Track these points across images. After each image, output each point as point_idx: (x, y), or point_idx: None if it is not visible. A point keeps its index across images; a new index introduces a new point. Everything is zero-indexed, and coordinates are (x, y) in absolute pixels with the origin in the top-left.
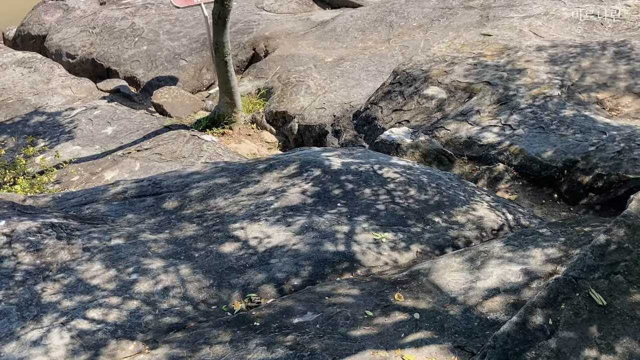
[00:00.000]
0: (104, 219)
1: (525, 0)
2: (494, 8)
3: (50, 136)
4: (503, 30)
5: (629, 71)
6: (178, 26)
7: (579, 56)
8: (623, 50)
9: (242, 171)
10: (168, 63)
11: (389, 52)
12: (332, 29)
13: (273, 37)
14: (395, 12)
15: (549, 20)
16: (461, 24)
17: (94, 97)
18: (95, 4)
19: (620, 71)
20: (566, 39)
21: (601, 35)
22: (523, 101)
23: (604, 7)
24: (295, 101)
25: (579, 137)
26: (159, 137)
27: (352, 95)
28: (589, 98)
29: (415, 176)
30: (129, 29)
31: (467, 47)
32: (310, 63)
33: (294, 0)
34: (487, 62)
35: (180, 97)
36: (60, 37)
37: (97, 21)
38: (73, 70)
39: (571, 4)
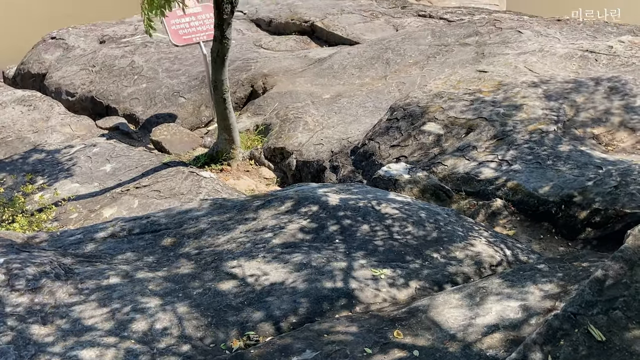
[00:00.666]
0: (102, 257)
1: (519, 37)
2: (489, 45)
3: (49, 174)
4: (498, 66)
5: (623, 106)
6: (177, 64)
7: (574, 92)
8: (617, 86)
9: (240, 208)
10: (167, 100)
11: (386, 89)
12: (330, 66)
13: (271, 74)
14: (391, 50)
15: (544, 57)
16: (457, 61)
17: (93, 134)
18: (95, 42)
19: (615, 106)
20: (561, 75)
21: (596, 71)
22: (520, 137)
23: (598, 43)
24: (293, 137)
25: (575, 172)
26: (157, 174)
27: (349, 131)
28: (584, 133)
29: (414, 212)
30: (129, 67)
31: (463, 83)
32: (308, 100)
33: (292, 38)
34: (484, 98)
35: (179, 134)
36: (60, 76)
37: (96, 59)
38: (72, 108)
39: (565, 41)
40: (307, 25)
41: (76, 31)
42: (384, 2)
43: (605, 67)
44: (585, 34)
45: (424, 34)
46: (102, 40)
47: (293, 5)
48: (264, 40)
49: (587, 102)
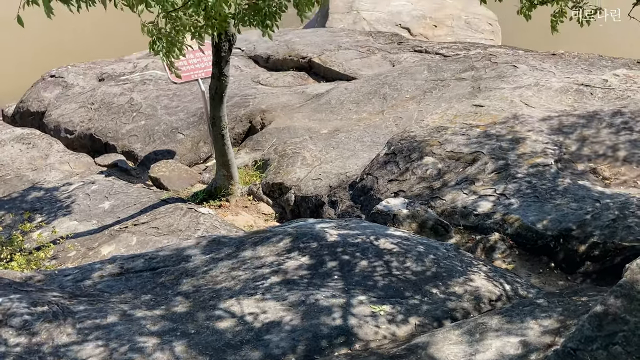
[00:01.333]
0: (100, 296)
1: (515, 71)
2: (484, 79)
3: (47, 212)
4: (495, 101)
5: (622, 141)
6: (176, 101)
7: (571, 126)
8: (614, 119)
9: (238, 245)
10: (165, 137)
11: (383, 123)
12: (327, 102)
13: (269, 110)
14: (388, 85)
15: (540, 91)
16: (453, 95)
17: (91, 172)
18: (94, 80)
19: (612, 140)
20: (557, 108)
21: (591, 105)
22: (518, 171)
23: (593, 77)
24: (292, 172)
25: (573, 206)
26: (155, 211)
27: (347, 166)
28: (582, 167)
29: (412, 247)
30: (127, 104)
31: (459, 117)
32: (306, 135)
33: (290, 74)
34: (480, 133)
35: (178, 170)
36: (59, 113)
37: (95, 97)
38: (71, 146)
39: (561, 75)
40: (304, 62)
41: (75, 69)
42: (380, 38)
43: (600, 101)
44: (580, 67)
45: (421, 69)
46: (101, 78)
47: (290, 42)
48: (261, 76)
49: (585, 136)
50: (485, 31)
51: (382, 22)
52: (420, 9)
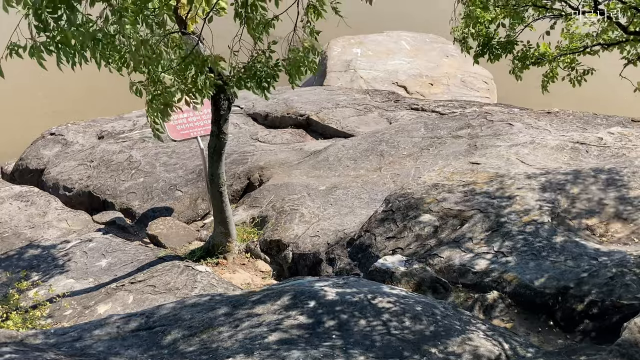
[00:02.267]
0: (96, 356)
1: (511, 129)
2: (481, 137)
3: (44, 269)
4: (491, 158)
5: (616, 197)
6: (174, 158)
7: (567, 183)
8: (609, 177)
9: (236, 303)
10: (164, 194)
11: (381, 180)
12: (325, 158)
13: (267, 167)
14: (385, 142)
15: (536, 149)
16: (450, 153)
17: (89, 229)
18: (94, 138)
19: (608, 197)
20: (553, 166)
21: (587, 163)
22: (514, 228)
23: (589, 135)
24: (290, 229)
25: (570, 264)
26: (153, 269)
27: (345, 222)
28: (578, 224)
29: (410, 306)
30: (126, 162)
31: (457, 175)
32: (304, 191)
33: (288, 132)
34: (478, 190)
35: (175, 227)
36: (58, 171)
37: (94, 155)
38: (70, 203)
39: (556, 133)
40: (302, 119)
41: (75, 127)
42: (377, 96)
43: (596, 159)
44: (575, 125)
45: (417, 127)
46: (101, 135)
47: (289, 99)
48: (260, 133)
49: (580, 193)
50: (481, 89)
51: (379, 80)
52: (417, 68)
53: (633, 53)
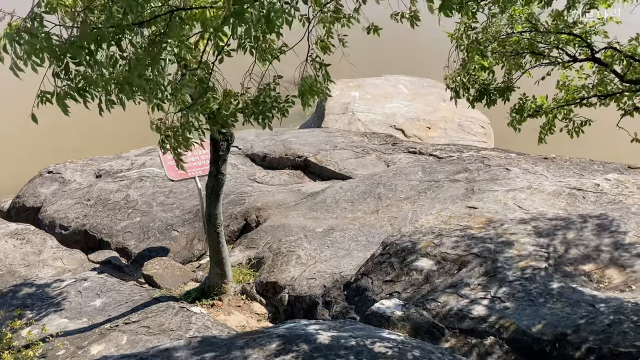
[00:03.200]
0: None
1: (508, 174)
2: (478, 181)
3: (38, 308)
4: (488, 203)
5: (612, 244)
6: (172, 198)
7: (563, 229)
8: (605, 223)
9: (229, 346)
10: (160, 234)
11: (378, 223)
12: (322, 200)
13: (265, 207)
14: (383, 185)
15: (532, 194)
16: (447, 197)
17: (84, 268)
18: (91, 177)
19: (604, 244)
20: (550, 212)
21: (584, 209)
22: (511, 274)
23: (585, 181)
24: (286, 271)
25: (568, 310)
26: (147, 310)
27: (342, 265)
28: (575, 270)
29: (407, 351)
30: (123, 201)
31: (454, 219)
32: (300, 233)
33: (285, 173)
34: (475, 235)
35: (171, 268)
36: (54, 209)
37: (92, 193)
38: (65, 242)
39: (553, 178)
40: (300, 160)
41: (73, 165)
42: (375, 138)
43: (593, 205)
44: (572, 171)
45: (415, 170)
46: (99, 174)
47: (287, 141)
48: (258, 174)
49: (576, 239)
50: (478, 134)
51: (377, 123)
52: (414, 111)
53: (629, 104)
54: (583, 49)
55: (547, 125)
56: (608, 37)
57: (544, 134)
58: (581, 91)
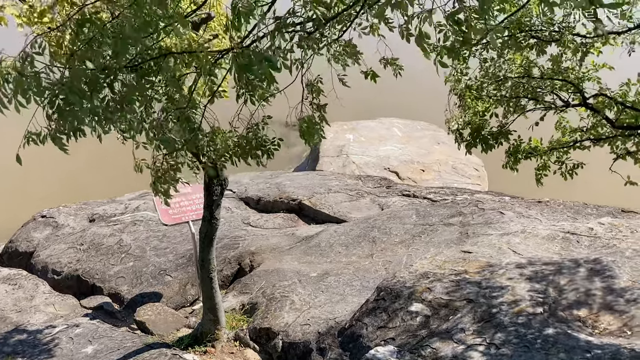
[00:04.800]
0: None
1: (502, 218)
2: (472, 225)
3: (29, 356)
4: (482, 247)
5: (607, 288)
6: (165, 242)
7: (558, 274)
8: (599, 268)
9: None
10: (153, 279)
11: (373, 267)
12: (317, 244)
13: (258, 252)
14: (377, 228)
15: (527, 238)
16: (442, 240)
17: (76, 314)
18: (85, 221)
19: (598, 288)
20: (544, 256)
21: (578, 253)
22: (506, 319)
23: (579, 225)
24: (280, 317)
25: (563, 356)
26: (139, 357)
27: (336, 310)
28: (570, 316)
29: None
30: (116, 246)
31: (448, 263)
32: (295, 278)
33: (280, 216)
34: (469, 279)
35: (164, 313)
36: (47, 254)
37: (85, 238)
38: (58, 287)
39: (547, 222)
40: (295, 204)
41: (67, 210)
42: (369, 181)
43: (587, 249)
44: (566, 215)
45: (409, 214)
46: (92, 218)
47: (281, 184)
48: (252, 218)
49: (571, 284)
50: (472, 176)
51: (371, 165)
52: (408, 154)
53: (622, 148)
54: (576, 95)
55: (541, 167)
56: (601, 83)
57: (540, 175)
58: (576, 132)
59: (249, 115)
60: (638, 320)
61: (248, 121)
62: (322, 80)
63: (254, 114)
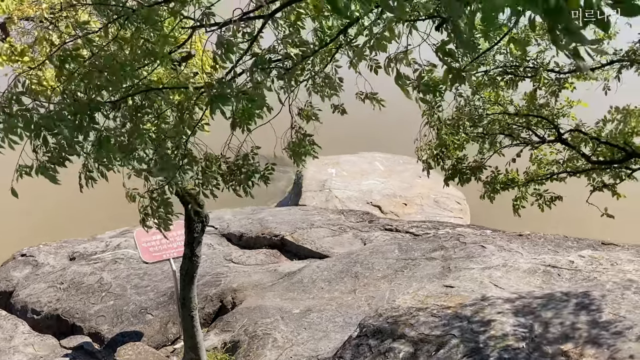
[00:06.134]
0: None
1: (483, 251)
2: (454, 259)
3: None
4: (464, 281)
5: (590, 322)
6: (146, 280)
7: (541, 307)
8: (582, 301)
9: None
10: (134, 317)
11: (356, 303)
12: (299, 280)
13: (240, 289)
14: (360, 263)
15: (508, 272)
16: (424, 275)
17: (56, 354)
18: (65, 259)
19: (581, 322)
20: (526, 290)
21: (560, 286)
22: (491, 354)
23: (560, 258)
24: (262, 355)
25: None
26: None
27: (319, 347)
28: (554, 349)
29: None
30: (97, 284)
31: (431, 298)
32: (277, 315)
33: (262, 252)
34: (452, 314)
35: (144, 353)
36: (27, 293)
37: (65, 277)
38: (37, 327)
39: (528, 255)
40: (277, 239)
41: (47, 248)
42: (351, 216)
43: (568, 282)
44: (547, 248)
45: (391, 248)
46: (73, 257)
47: (264, 219)
48: (234, 254)
49: (554, 318)
50: (454, 210)
51: (354, 200)
52: (391, 188)
53: (598, 180)
54: (552, 131)
55: (519, 198)
56: (576, 119)
57: (518, 206)
58: (553, 165)
59: (238, 144)
60: (622, 354)
61: (237, 150)
62: (311, 104)
63: (242, 144)
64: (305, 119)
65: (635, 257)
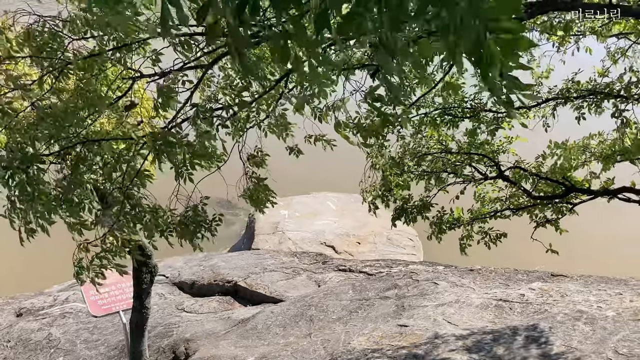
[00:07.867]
0: None
1: (436, 288)
2: (408, 297)
3: None
4: (418, 320)
5: (541, 355)
6: (96, 334)
7: (493, 343)
8: (533, 334)
9: None
10: None
11: (311, 347)
12: (254, 327)
13: (193, 339)
14: (314, 306)
15: (461, 308)
16: (379, 315)
17: None
18: (12, 316)
19: (533, 355)
20: (479, 325)
21: (511, 320)
22: None
23: (511, 291)
24: None
25: None
26: None
27: None
28: None
29: None
30: (45, 340)
31: (385, 339)
32: None
33: (215, 299)
34: (406, 354)
35: None
36: None
37: (12, 334)
38: None
39: (480, 290)
40: (230, 286)
41: None
42: (305, 258)
43: (520, 316)
44: (498, 282)
45: (345, 289)
46: (19, 313)
47: (216, 266)
48: (186, 303)
49: (506, 353)
50: (407, 246)
51: (307, 241)
52: (344, 227)
53: (541, 216)
54: (493, 168)
55: (465, 237)
56: (516, 155)
57: (464, 245)
58: (496, 203)
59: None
60: None
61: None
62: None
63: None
64: (256, 166)
65: (584, 288)
